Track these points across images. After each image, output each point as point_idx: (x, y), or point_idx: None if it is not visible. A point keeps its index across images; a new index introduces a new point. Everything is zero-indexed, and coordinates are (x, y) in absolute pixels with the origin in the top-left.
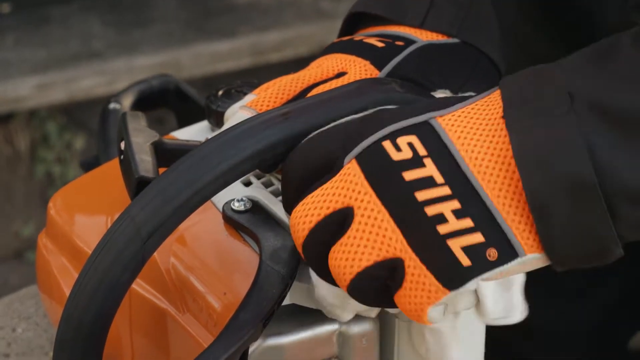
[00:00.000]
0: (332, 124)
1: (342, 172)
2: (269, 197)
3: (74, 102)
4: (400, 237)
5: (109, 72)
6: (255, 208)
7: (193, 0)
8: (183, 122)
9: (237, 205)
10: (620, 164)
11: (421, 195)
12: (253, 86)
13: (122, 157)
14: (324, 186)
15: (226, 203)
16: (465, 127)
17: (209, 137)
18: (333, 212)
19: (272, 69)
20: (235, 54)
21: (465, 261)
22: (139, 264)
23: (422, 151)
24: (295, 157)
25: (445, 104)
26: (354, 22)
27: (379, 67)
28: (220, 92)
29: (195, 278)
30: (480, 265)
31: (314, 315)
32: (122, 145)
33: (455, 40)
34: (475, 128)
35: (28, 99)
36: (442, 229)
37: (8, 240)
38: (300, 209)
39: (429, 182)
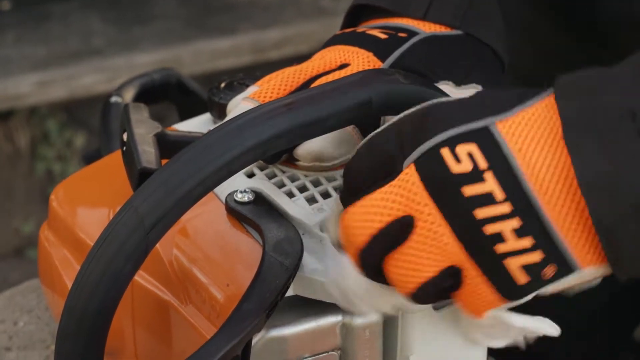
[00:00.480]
0: (388, 123)
1: (401, 177)
2: (272, 189)
3: (74, 100)
4: (461, 250)
5: (109, 69)
6: (258, 199)
7: None
8: (185, 116)
9: (240, 197)
10: None
11: (481, 213)
12: (255, 79)
13: (124, 148)
14: (384, 190)
15: (229, 194)
16: (526, 138)
17: (212, 128)
18: (394, 220)
19: (272, 67)
20: (235, 52)
21: (522, 279)
22: (142, 255)
23: (482, 164)
24: (356, 156)
25: (503, 103)
26: (357, 14)
27: (382, 59)
28: (222, 85)
29: (198, 269)
30: (538, 282)
31: (317, 307)
32: (125, 136)
33: (458, 32)
34: (536, 141)
35: (28, 96)
36: (501, 248)
37: (8, 237)
38: (358, 211)
39: (489, 199)
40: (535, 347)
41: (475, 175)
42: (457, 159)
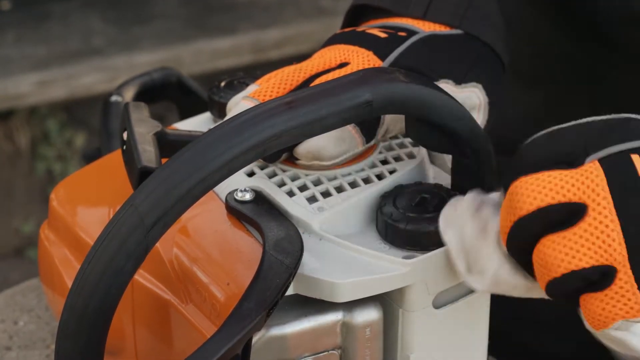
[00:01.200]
0: (576, 122)
1: (584, 167)
2: (273, 188)
3: (75, 99)
4: (624, 250)
5: (109, 69)
6: (259, 198)
7: None
8: (185, 115)
9: (240, 196)
10: None
11: None
12: (255, 78)
13: (124, 147)
14: (564, 172)
15: (229, 193)
16: None
17: (212, 127)
18: (568, 202)
19: (272, 67)
20: (235, 51)
21: None
22: (142, 253)
23: None
24: (537, 139)
25: None
26: (357, 14)
27: (382, 58)
28: (222, 84)
29: (198, 268)
30: None
31: (318, 306)
32: (125, 135)
33: (458, 31)
34: None
35: (28, 96)
36: None
37: (8, 237)
38: (533, 181)
39: None
40: (537, 349)
41: None
42: None
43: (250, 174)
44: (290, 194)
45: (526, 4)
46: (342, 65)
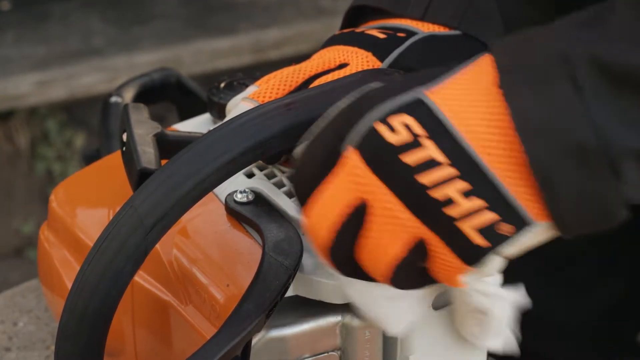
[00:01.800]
0: (323, 115)
1: (344, 163)
2: (272, 189)
3: (74, 100)
4: (418, 221)
5: (109, 69)
6: (258, 200)
7: None
8: (185, 116)
9: (239, 197)
10: (621, 124)
11: (425, 179)
12: (255, 78)
13: (124, 148)
14: (333, 182)
15: (229, 195)
16: (458, 99)
17: (211, 129)
18: (350, 210)
19: (272, 67)
20: (235, 51)
21: (479, 241)
22: (142, 255)
23: (419, 131)
24: (300, 155)
25: (430, 76)
26: (356, 15)
27: (381, 59)
28: (222, 85)
29: (197, 270)
30: (495, 241)
31: (317, 307)
32: (125, 136)
33: (457, 32)
34: (470, 100)
35: (28, 96)
36: (453, 211)
37: (8, 237)
38: (315, 212)
39: (431, 164)
40: (537, 350)
41: (415, 143)
42: (393, 130)
43: (250, 175)
44: (290, 195)
45: (526, 4)
46: (342, 66)
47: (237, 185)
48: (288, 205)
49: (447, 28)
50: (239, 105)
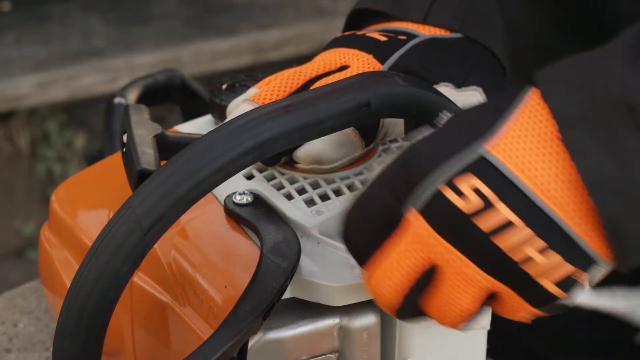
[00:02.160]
0: (370, 180)
1: (410, 229)
2: (271, 191)
3: (75, 100)
4: (492, 280)
5: (109, 70)
6: (257, 201)
7: None
8: (188, 117)
9: (238, 199)
10: None
11: (501, 243)
12: (257, 80)
13: (124, 149)
14: (398, 245)
15: (228, 196)
16: (520, 153)
17: (210, 130)
18: (418, 274)
19: (272, 67)
20: (235, 52)
21: (556, 291)
22: (139, 256)
23: (489, 194)
24: (352, 219)
25: (483, 123)
26: (358, 18)
27: (382, 61)
28: (224, 86)
29: (196, 271)
30: (570, 290)
31: (315, 309)
32: (125, 137)
33: (458, 35)
34: (533, 153)
35: (29, 97)
36: (531, 270)
37: (8, 238)
38: (379, 274)
39: (505, 227)
40: (535, 348)
41: (486, 207)
42: (461, 195)
43: (249, 177)
44: (289, 197)
45: (531, 6)
46: (342, 68)
47: (236, 187)
48: (287, 208)
49: (448, 31)
50: (239, 107)
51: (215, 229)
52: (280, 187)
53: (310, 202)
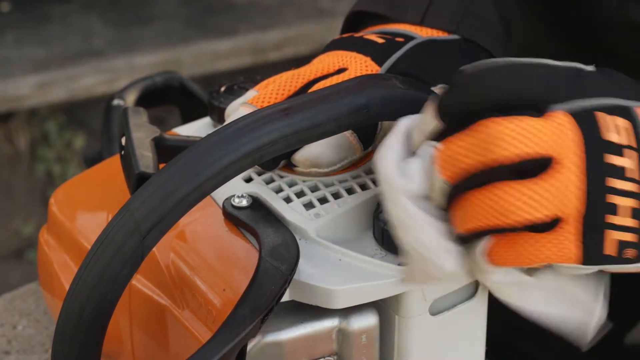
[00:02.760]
0: (535, 63)
1: (557, 120)
2: (270, 194)
3: (74, 101)
4: (582, 206)
5: (109, 71)
6: (256, 204)
7: None
8: (187, 119)
9: (237, 201)
10: None
11: (611, 182)
12: (255, 82)
13: (122, 152)
14: (538, 121)
15: (226, 199)
16: None
17: (209, 133)
18: (542, 154)
19: (272, 68)
20: (235, 53)
21: (610, 250)
22: (138, 259)
23: (630, 141)
24: (501, 72)
25: (633, 91)
26: (355, 21)
27: (380, 63)
28: (222, 89)
29: (194, 274)
30: (619, 259)
31: (313, 312)
32: (123, 140)
33: (456, 36)
34: None
35: (28, 98)
36: (610, 218)
37: (8, 238)
38: (513, 128)
39: (622, 173)
40: (528, 350)
41: (621, 148)
42: (609, 127)
43: (248, 180)
44: (287, 200)
45: (523, 10)
46: (340, 70)
47: (235, 190)
48: (285, 211)
49: (445, 32)
50: (237, 110)
51: (214, 232)
52: (278, 190)
53: (308, 205)
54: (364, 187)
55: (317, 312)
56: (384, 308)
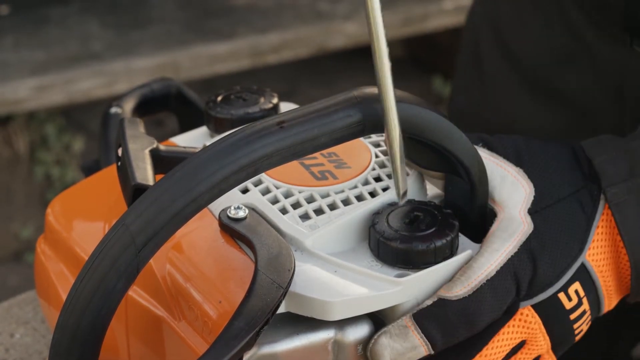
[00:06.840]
0: (502, 262)
1: (522, 318)
2: (266, 205)
3: (73, 104)
4: (550, 345)
5: (107, 74)
6: (252, 215)
7: (192, 1)
8: (185, 125)
9: (233, 213)
10: None
11: (577, 325)
12: (252, 92)
13: (119, 163)
14: (505, 330)
15: (223, 210)
16: (599, 257)
17: (207, 143)
18: (512, 347)
19: (270, 71)
20: (233, 56)
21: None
22: (133, 273)
23: (582, 293)
24: (480, 294)
25: (583, 230)
26: None
27: None
28: (219, 98)
29: (191, 286)
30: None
31: (309, 324)
32: (120, 151)
33: None
34: (602, 250)
35: (27, 101)
36: (577, 326)
37: (7, 241)
38: (490, 352)
39: (583, 314)
40: None
41: (579, 304)
42: (570, 298)
43: (244, 191)
44: (284, 211)
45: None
46: None
47: (232, 201)
48: (282, 222)
49: None
50: None
51: (210, 243)
52: (275, 201)
53: (304, 216)
54: (360, 198)
55: (312, 323)
56: (380, 319)
